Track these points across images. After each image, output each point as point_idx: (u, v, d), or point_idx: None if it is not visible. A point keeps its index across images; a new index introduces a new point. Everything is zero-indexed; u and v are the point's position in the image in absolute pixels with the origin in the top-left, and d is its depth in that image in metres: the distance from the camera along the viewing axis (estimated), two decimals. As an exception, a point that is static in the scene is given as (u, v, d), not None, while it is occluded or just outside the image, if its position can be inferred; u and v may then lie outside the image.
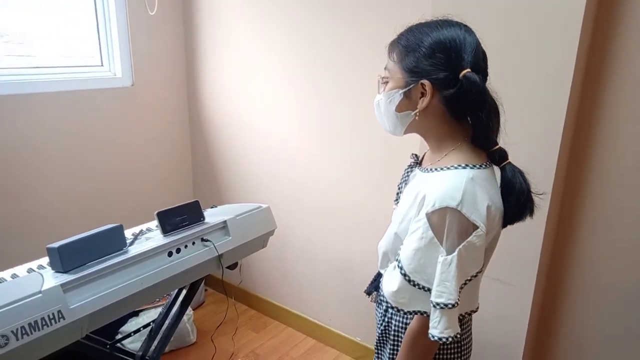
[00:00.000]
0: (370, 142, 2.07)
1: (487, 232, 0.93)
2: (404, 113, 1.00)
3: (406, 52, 0.96)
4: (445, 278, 0.92)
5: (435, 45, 0.93)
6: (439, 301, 0.93)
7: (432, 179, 0.98)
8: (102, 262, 1.29)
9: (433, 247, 0.94)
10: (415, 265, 0.97)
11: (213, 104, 2.63)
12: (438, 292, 0.93)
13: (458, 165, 0.96)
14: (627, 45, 1.44)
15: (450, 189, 0.92)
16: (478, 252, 0.95)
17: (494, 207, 0.95)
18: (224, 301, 2.77)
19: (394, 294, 1.02)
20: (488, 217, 0.93)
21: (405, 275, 0.98)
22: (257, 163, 2.53)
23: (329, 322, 2.46)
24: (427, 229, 0.93)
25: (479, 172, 0.96)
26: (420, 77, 0.95)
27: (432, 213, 0.92)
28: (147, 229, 1.59)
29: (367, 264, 2.22)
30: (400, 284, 1.00)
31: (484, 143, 0.99)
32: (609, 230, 1.59)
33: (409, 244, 0.98)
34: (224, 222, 1.61)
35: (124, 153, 2.49)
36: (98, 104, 2.33)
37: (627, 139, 1.50)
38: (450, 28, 0.94)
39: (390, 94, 1.00)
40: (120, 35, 2.36)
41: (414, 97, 0.98)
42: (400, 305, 1.03)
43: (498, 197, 0.98)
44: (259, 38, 2.33)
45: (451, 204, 0.90)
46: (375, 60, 1.93)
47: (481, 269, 0.99)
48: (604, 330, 1.67)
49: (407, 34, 0.98)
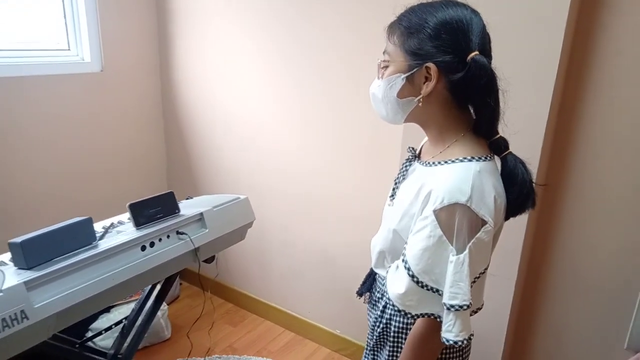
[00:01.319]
0: (353, 130, 2.02)
1: (494, 227, 0.89)
2: (407, 99, 0.94)
3: (409, 33, 0.90)
4: (459, 278, 0.87)
5: (441, 25, 0.87)
6: (454, 303, 0.88)
7: (438, 173, 0.93)
8: (70, 258, 1.21)
9: (442, 246, 0.88)
10: (424, 266, 0.90)
11: (188, 90, 2.54)
12: (452, 294, 0.88)
13: (464, 158, 0.91)
14: (610, 41, 1.44)
15: (459, 184, 0.87)
16: (486, 249, 0.91)
17: (500, 200, 0.91)
18: (200, 295, 2.70)
19: (401, 296, 0.94)
20: (495, 211, 0.89)
21: (413, 277, 0.92)
22: (234, 152, 2.46)
23: (308, 314, 2.42)
24: (435, 227, 0.88)
25: (485, 164, 0.91)
26: (424, 60, 0.88)
27: (441, 210, 0.87)
28: (118, 221, 1.51)
29: (347, 256, 2.19)
30: (408, 286, 0.93)
31: (487, 132, 0.94)
32: (587, 222, 1.60)
33: (415, 243, 0.91)
34: (201, 214, 1.55)
35: (93, 143, 2.38)
36: (65, 90, 2.22)
37: (608, 133, 1.50)
38: (456, 8, 0.89)
39: (391, 78, 0.93)
40: (89, 18, 2.24)
41: (417, 82, 0.91)
42: (408, 308, 0.95)
43: (502, 189, 0.94)
44: (237, 21, 2.24)
45: (460, 199, 0.85)
46: (358, 45, 1.91)
47: (488, 264, 0.96)
48: (581, 320, 1.68)
49: (409, 14, 0.92)
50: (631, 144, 1.47)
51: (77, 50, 2.29)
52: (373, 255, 1.11)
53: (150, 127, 2.65)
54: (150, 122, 2.64)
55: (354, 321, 2.24)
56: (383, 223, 1.08)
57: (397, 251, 1.00)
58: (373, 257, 1.11)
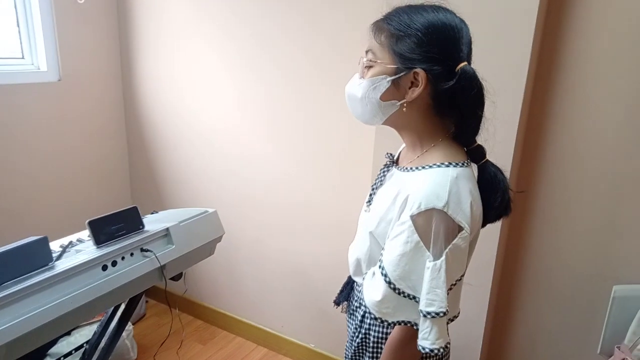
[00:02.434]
0: (324, 137, 1.99)
1: (470, 233, 0.88)
2: (389, 102, 0.91)
3: (398, 35, 0.87)
4: (436, 285, 0.85)
5: (433, 31, 0.85)
6: (430, 310, 0.86)
7: (415, 178, 0.91)
8: (24, 281, 1.11)
9: (419, 252, 0.86)
10: (401, 272, 0.89)
11: (152, 99, 2.45)
12: (429, 301, 0.86)
13: (441, 164, 0.89)
14: (576, 45, 1.46)
15: (436, 189, 0.85)
16: (463, 255, 0.89)
17: (476, 206, 0.90)
18: (167, 312, 2.60)
19: (378, 303, 0.93)
20: (472, 218, 0.87)
21: (390, 283, 0.90)
22: (201, 162, 2.38)
23: (281, 329, 2.36)
24: (412, 233, 0.86)
25: (462, 170, 0.89)
26: (413, 64, 0.86)
27: (418, 215, 0.85)
28: (77, 240, 1.41)
29: (320, 266, 2.14)
30: (384, 293, 0.91)
31: (467, 140, 0.93)
32: (558, 229, 1.61)
33: (392, 249, 0.89)
34: (166, 229, 1.47)
35: (50, 156, 2.26)
36: (19, 101, 2.10)
37: (576, 140, 1.52)
38: (446, 13, 0.87)
39: (376, 79, 0.90)
40: (45, 25, 2.13)
41: (403, 86, 0.89)
42: (385, 315, 0.94)
43: (478, 196, 0.92)
44: (202, 27, 2.18)
45: (437, 204, 0.84)
46: (329, 49, 1.87)
47: (464, 272, 0.94)
48: (555, 326, 1.69)
49: (398, 15, 0.89)
50: (599, 149, 1.50)
51: (32, 59, 2.17)
52: (350, 263, 1.08)
53: (112, 138, 2.54)
54: (112, 133, 2.54)
55: (328, 334, 2.19)
56: (359, 229, 1.06)
57: (373, 258, 0.98)
58: (350, 265, 1.08)
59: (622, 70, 1.42)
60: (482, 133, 0.94)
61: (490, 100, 0.90)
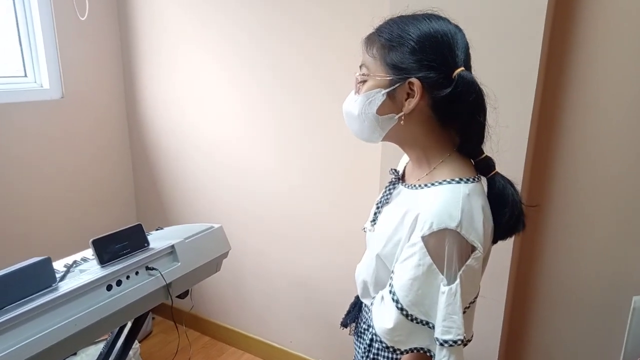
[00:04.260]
0: (330, 149, 1.96)
1: (483, 252, 0.83)
2: (387, 116, 0.87)
3: (390, 46, 0.84)
4: (453, 311, 0.80)
5: (425, 38, 0.81)
6: (447, 338, 0.81)
7: (424, 196, 0.86)
8: (27, 304, 1.08)
9: (432, 275, 0.81)
10: (413, 297, 0.83)
11: (156, 115, 2.44)
12: (445, 328, 0.81)
13: (452, 180, 0.85)
14: (585, 50, 1.43)
15: (448, 208, 0.81)
16: (476, 276, 0.85)
17: (488, 224, 0.86)
18: (174, 329, 2.56)
19: (390, 331, 0.87)
20: (484, 237, 0.83)
21: (402, 310, 0.84)
22: (206, 177, 2.36)
23: (290, 344, 2.32)
24: (424, 255, 0.81)
25: (473, 186, 0.85)
26: (407, 74, 0.83)
27: (430, 236, 0.80)
28: (82, 259, 1.39)
29: (328, 280, 2.11)
30: (396, 320, 0.86)
31: (474, 151, 0.89)
32: (571, 239, 1.57)
33: (403, 272, 0.84)
34: (172, 246, 1.44)
35: (53, 174, 2.25)
36: (22, 119, 2.09)
37: (589, 151, 1.49)
38: (439, 21, 0.84)
39: (371, 93, 0.87)
40: (47, 43, 2.13)
41: (399, 98, 0.85)
42: (397, 344, 0.88)
43: (489, 212, 0.88)
44: (203, 42, 2.17)
45: (450, 224, 0.79)
46: (334, 61, 1.85)
47: (477, 293, 0.90)
48: (573, 338, 1.64)
49: (389, 26, 0.86)
50: (613, 155, 1.46)
51: (35, 77, 2.17)
52: (357, 284, 1.04)
53: (116, 154, 2.53)
54: (116, 150, 2.52)
55: (337, 350, 2.15)
56: (367, 250, 1.01)
57: (380, 280, 0.94)
58: (358, 286, 1.04)
59: (635, 74, 1.39)
60: (488, 142, 0.90)
61: (491, 106, 0.87)
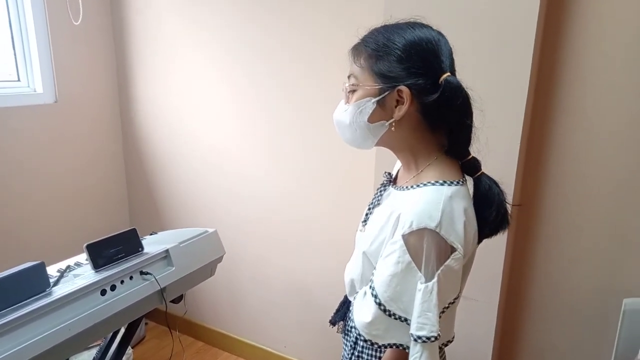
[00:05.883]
0: (325, 154, 1.97)
1: (464, 255, 0.86)
2: (378, 123, 0.90)
3: (377, 55, 0.87)
4: (427, 308, 0.83)
5: (410, 46, 0.85)
6: (421, 334, 0.84)
7: (408, 197, 0.90)
8: (20, 309, 1.08)
9: (410, 273, 0.84)
10: (392, 293, 0.87)
11: (149, 120, 2.44)
12: (419, 324, 0.83)
13: (435, 182, 0.88)
14: (576, 52, 1.45)
15: (428, 208, 0.84)
16: (456, 277, 0.87)
17: (470, 227, 0.88)
18: (168, 334, 2.54)
19: (368, 325, 0.91)
20: (465, 239, 0.85)
21: (380, 305, 0.88)
22: (200, 182, 2.35)
23: (284, 349, 2.31)
24: (404, 252, 0.84)
25: (457, 189, 0.88)
26: (395, 82, 0.86)
27: (409, 234, 0.83)
28: (75, 263, 1.38)
29: (322, 285, 2.11)
30: (374, 314, 0.89)
31: (460, 153, 0.92)
32: (564, 241, 1.59)
33: (383, 269, 0.87)
34: (166, 251, 1.44)
35: (47, 178, 2.24)
36: (16, 123, 2.08)
37: (580, 150, 1.50)
38: (423, 29, 0.87)
39: (361, 103, 0.89)
40: (40, 47, 2.12)
41: (388, 106, 0.88)
42: (374, 338, 0.91)
43: (473, 214, 0.91)
44: (200, 46, 2.17)
45: (429, 224, 0.82)
46: (329, 65, 1.86)
47: (458, 294, 0.91)
48: (565, 341, 1.65)
49: (375, 36, 0.89)
50: (605, 160, 1.48)
51: (28, 81, 2.16)
52: (346, 283, 1.06)
53: (110, 159, 2.52)
54: (110, 154, 2.51)
55: (331, 353, 2.14)
56: (355, 250, 1.04)
57: (366, 278, 0.96)
58: (346, 285, 1.06)
59: (627, 78, 1.40)
60: (475, 143, 0.93)
61: (478, 108, 0.90)
